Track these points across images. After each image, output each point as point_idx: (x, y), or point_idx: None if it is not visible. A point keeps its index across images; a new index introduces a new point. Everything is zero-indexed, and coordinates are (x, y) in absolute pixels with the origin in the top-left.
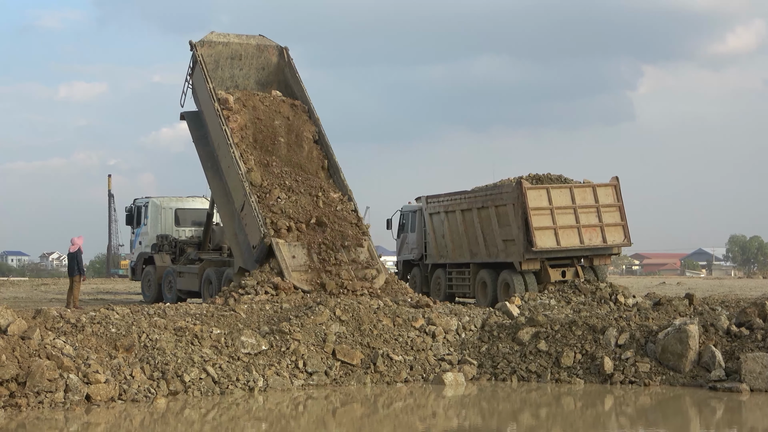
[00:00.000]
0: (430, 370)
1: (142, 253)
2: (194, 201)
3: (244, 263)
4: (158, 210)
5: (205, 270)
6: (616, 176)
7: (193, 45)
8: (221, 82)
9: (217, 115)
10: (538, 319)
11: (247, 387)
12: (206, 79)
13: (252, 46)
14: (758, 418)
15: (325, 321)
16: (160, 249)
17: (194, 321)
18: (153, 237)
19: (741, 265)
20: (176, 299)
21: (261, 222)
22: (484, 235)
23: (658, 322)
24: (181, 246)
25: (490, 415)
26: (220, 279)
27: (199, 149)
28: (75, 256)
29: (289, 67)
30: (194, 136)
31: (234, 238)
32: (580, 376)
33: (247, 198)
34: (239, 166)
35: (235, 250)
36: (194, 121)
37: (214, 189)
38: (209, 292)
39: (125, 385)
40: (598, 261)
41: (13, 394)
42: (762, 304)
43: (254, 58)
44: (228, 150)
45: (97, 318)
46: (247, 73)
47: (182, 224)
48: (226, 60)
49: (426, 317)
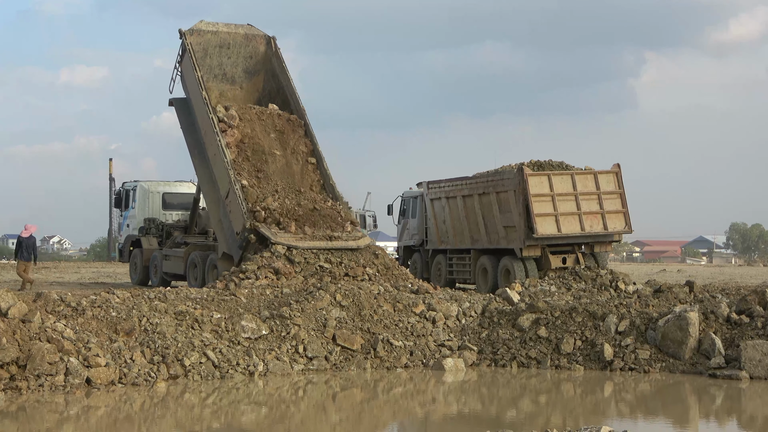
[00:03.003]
0: (430, 356)
1: (130, 236)
2: (181, 185)
3: (228, 249)
4: (146, 194)
5: (191, 254)
6: (618, 163)
7: (183, 33)
8: (209, 69)
9: (205, 104)
10: (538, 305)
11: (247, 371)
12: (195, 67)
13: (240, 35)
14: (758, 406)
15: (326, 306)
16: (147, 232)
17: (195, 305)
18: (140, 220)
19: (741, 253)
20: (162, 282)
21: (245, 209)
22: (485, 221)
23: (659, 309)
24: (167, 229)
25: (489, 401)
26: (204, 263)
27: (187, 136)
28: (23, 241)
29: (276, 57)
30: (182, 123)
31: (219, 224)
32: (580, 362)
33: (231, 185)
34: (225, 153)
35: (220, 236)
36: (182, 108)
37: (201, 176)
38: (194, 276)
39: (125, 368)
40: (599, 248)
41: (13, 377)
42: (762, 292)
43: (242, 46)
44: (214, 138)
45: (97, 302)
46: (235, 61)
47: (169, 208)
48: (214, 48)
49: (426, 303)
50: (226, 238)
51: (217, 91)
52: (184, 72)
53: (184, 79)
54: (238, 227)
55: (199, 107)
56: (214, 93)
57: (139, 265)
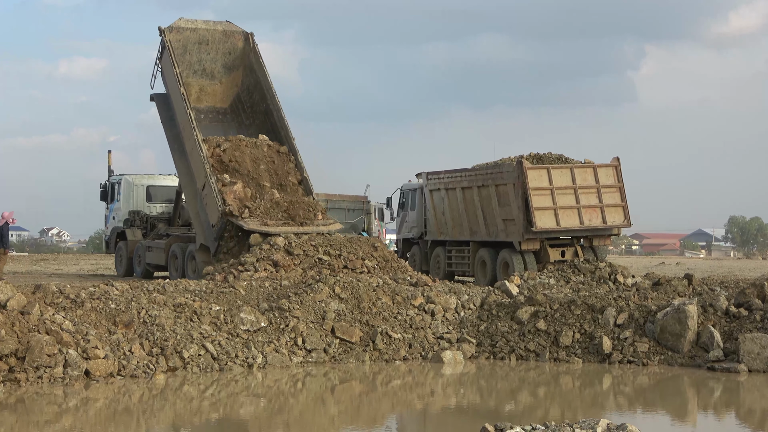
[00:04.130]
0: (429, 348)
1: (115, 228)
2: (165, 178)
3: (205, 240)
4: (131, 187)
5: (172, 245)
6: (617, 157)
7: (162, 31)
8: (189, 65)
9: (183, 99)
10: (537, 298)
11: (246, 364)
12: (173, 63)
13: (219, 32)
14: (756, 399)
15: (325, 298)
16: (131, 224)
17: (193, 297)
18: (125, 213)
19: (740, 246)
20: (145, 273)
21: (219, 202)
22: (484, 213)
23: (657, 302)
24: (152, 221)
25: (488, 393)
26: (184, 254)
27: (167, 130)
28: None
29: (254, 53)
30: (162, 117)
31: (197, 216)
32: (579, 355)
33: (207, 179)
34: (201, 148)
35: (197, 228)
36: (163, 103)
37: (180, 169)
38: (174, 267)
39: (124, 360)
40: (598, 241)
41: (12, 369)
42: (761, 285)
43: (221, 43)
44: (192, 133)
45: (96, 294)
46: (214, 57)
47: (154, 201)
48: (193, 45)
49: (425, 295)
50: (203, 230)
51: (197, 86)
52: (164, 68)
53: (164, 75)
54: (213, 219)
55: (178, 102)
56: (194, 88)
57: (123, 256)
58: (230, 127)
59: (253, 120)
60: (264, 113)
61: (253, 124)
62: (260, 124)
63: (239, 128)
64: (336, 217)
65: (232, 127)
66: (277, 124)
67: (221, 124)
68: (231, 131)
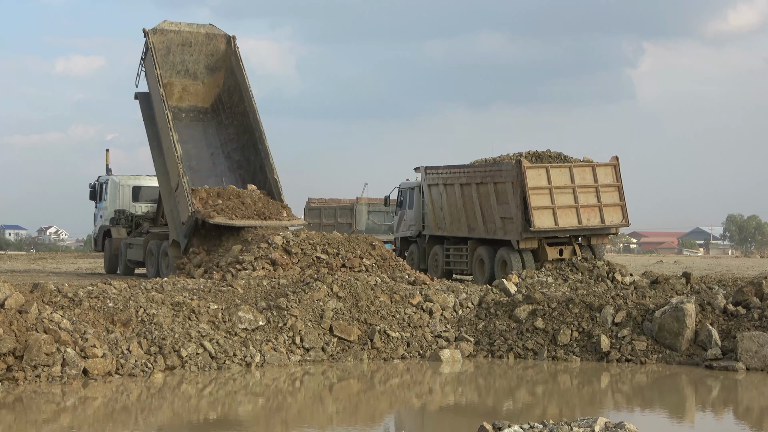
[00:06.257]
0: (427, 347)
1: (102, 226)
2: (151, 179)
3: (177, 237)
4: (117, 187)
5: (149, 242)
6: (616, 156)
7: (146, 32)
8: (173, 66)
9: (162, 100)
10: (535, 296)
11: (244, 362)
12: (155, 65)
13: (202, 34)
14: (753, 397)
15: (323, 297)
16: (117, 223)
17: (192, 296)
18: (112, 212)
19: (738, 244)
20: (126, 269)
21: (189, 200)
22: (482, 211)
23: (655, 300)
24: (137, 220)
25: (486, 392)
26: (159, 250)
27: (148, 129)
28: None
29: (235, 56)
30: (144, 115)
31: (170, 214)
32: (577, 353)
33: (180, 178)
34: (176, 148)
35: (171, 225)
36: (145, 102)
37: (157, 167)
38: (151, 263)
39: (122, 359)
40: (596, 240)
41: (10, 368)
42: (759, 283)
43: (204, 45)
44: (168, 132)
45: (94, 292)
46: (197, 58)
47: (139, 200)
48: (177, 47)
49: (423, 294)
50: (175, 227)
51: (180, 85)
52: (147, 69)
53: (147, 75)
54: (183, 217)
55: (158, 102)
56: (177, 87)
57: (108, 253)
58: (210, 126)
59: (232, 120)
60: (242, 114)
61: (232, 124)
62: (238, 125)
63: (218, 127)
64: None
65: (212, 125)
66: (252, 125)
67: (201, 123)
68: (211, 129)
